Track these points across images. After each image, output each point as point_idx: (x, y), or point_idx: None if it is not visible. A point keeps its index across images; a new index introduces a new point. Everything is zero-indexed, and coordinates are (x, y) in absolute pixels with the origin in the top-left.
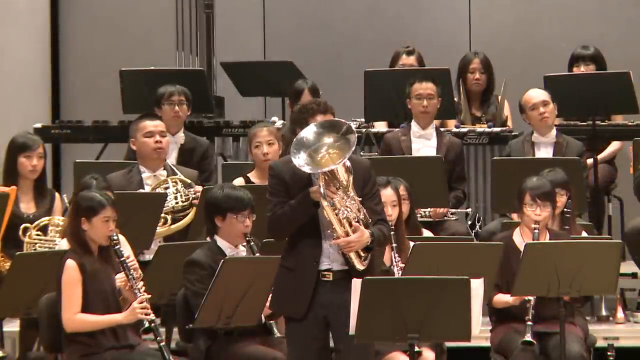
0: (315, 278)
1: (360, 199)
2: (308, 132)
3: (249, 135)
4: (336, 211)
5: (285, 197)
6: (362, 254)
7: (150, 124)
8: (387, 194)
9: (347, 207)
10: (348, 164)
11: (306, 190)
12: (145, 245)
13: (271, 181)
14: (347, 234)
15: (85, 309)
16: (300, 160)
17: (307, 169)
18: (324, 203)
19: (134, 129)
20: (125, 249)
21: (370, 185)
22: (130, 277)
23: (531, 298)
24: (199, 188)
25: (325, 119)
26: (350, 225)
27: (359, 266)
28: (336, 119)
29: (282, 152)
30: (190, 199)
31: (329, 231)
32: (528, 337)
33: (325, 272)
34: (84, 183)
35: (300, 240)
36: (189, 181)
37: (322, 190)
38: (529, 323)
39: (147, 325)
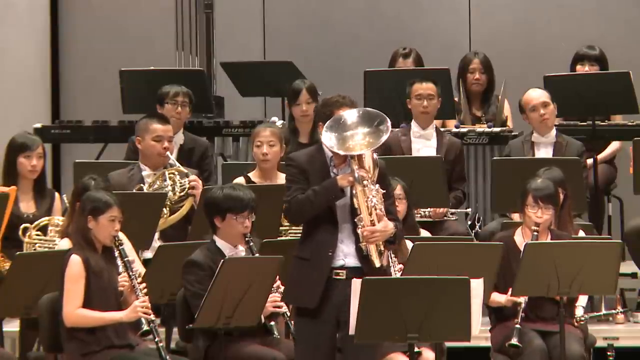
0: (329, 268)
1: (384, 192)
2: (351, 115)
3: (252, 133)
4: (365, 198)
5: (305, 184)
6: (382, 248)
7: (160, 129)
8: None
9: (373, 196)
10: (375, 156)
11: (333, 177)
12: (146, 244)
13: (291, 170)
14: (373, 224)
15: (86, 305)
16: (332, 141)
17: (336, 149)
18: (358, 187)
19: (143, 128)
20: (127, 247)
21: (385, 185)
22: (132, 277)
23: (522, 301)
24: (194, 177)
25: None
26: (377, 215)
27: (377, 262)
28: (376, 110)
29: (284, 154)
30: (187, 188)
31: (355, 219)
32: (514, 341)
33: (339, 270)
34: (82, 184)
35: (316, 231)
36: (185, 170)
37: (356, 174)
38: (517, 326)
39: (145, 328)
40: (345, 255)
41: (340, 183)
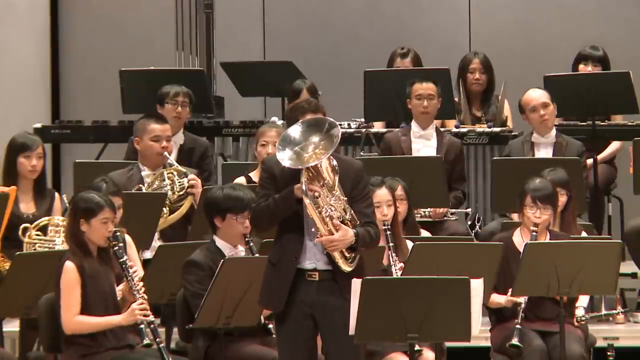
0: (294, 274)
1: (346, 199)
2: (294, 130)
3: (257, 133)
4: (319, 209)
5: (272, 190)
6: (347, 254)
7: (158, 129)
8: (381, 193)
9: (331, 205)
10: (334, 163)
11: (291, 187)
12: (146, 244)
13: (262, 174)
14: (331, 233)
15: (85, 310)
16: (284, 156)
17: (288, 164)
18: (306, 200)
19: (141, 129)
20: (132, 251)
21: (360, 188)
22: (129, 278)
23: (522, 301)
24: (193, 176)
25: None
26: (333, 225)
27: (345, 267)
28: (319, 116)
29: None
30: (186, 187)
31: (313, 229)
32: (515, 341)
33: (311, 272)
34: (93, 185)
35: (284, 236)
36: (183, 170)
37: (303, 186)
38: (518, 327)
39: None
40: (317, 258)
41: (296, 193)
